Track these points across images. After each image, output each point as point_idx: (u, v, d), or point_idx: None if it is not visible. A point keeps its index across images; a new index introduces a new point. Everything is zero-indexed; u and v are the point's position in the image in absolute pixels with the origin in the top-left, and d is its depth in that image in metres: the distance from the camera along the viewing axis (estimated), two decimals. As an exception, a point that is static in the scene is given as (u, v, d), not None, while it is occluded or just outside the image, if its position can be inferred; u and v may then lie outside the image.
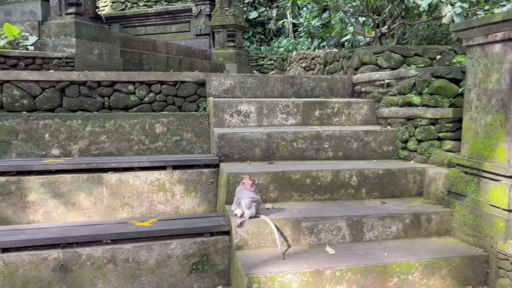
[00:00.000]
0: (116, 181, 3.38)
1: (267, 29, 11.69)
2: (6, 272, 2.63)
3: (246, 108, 4.07)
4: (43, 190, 3.25)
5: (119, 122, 3.90)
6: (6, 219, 3.19)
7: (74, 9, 5.30)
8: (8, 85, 3.90)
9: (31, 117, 3.74)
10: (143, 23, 9.79)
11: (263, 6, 11.78)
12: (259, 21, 11.62)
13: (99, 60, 5.52)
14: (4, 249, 2.65)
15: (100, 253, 2.77)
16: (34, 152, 3.72)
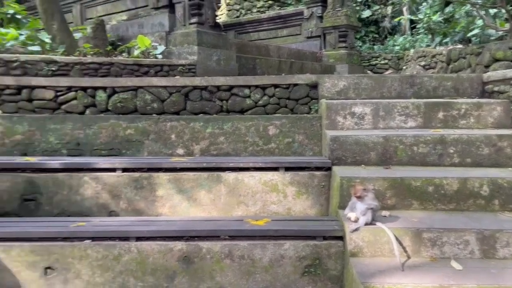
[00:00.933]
0: (233, 180, 3.55)
1: (381, 27, 11.21)
2: (139, 259, 2.93)
3: (361, 110, 3.93)
4: (170, 186, 3.56)
5: (235, 124, 4.09)
6: (139, 210, 3.56)
7: (196, 19, 5.72)
8: (141, 90, 4.37)
9: (160, 119, 4.13)
10: (256, 28, 10.15)
11: (377, 4, 11.32)
12: (373, 19, 11.19)
13: (217, 66, 5.86)
14: (138, 237, 2.96)
15: (218, 248, 2.93)
16: (162, 151, 4.09)
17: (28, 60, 4.95)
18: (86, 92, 4.35)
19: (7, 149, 4.03)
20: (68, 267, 2.92)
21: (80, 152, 4.06)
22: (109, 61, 5.18)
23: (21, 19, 7.33)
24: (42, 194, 3.55)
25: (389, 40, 10.70)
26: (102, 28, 6.32)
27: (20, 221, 3.23)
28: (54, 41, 5.77)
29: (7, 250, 2.91)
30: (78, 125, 4.09)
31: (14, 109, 4.31)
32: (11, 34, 5.53)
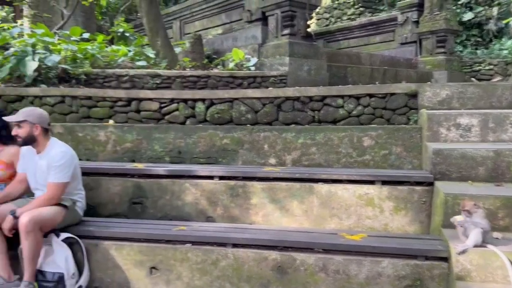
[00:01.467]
0: (325, 192, 3.51)
1: (484, 30, 10.30)
2: (235, 265, 3.02)
3: (467, 121, 3.65)
4: (263, 195, 3.63)
5: (328, 135, 4.05)
6: (233, 217, 3.69)
7: (288, 30, 5.81)
8: (237, 102, 4.54)
9: (254, 129, 4.24)
10: (346, 36, 9.98)
11: (480, 6, 10.44)
12: (475, 22, 10.34)
13: (307, 76, 5.88)
14: (234, 244, 3.06)
15: (312, 261, 2.91)
16: (255, 160, 4.20)
17: (136, 74, 5.45)
18: (187, 103, 4.64)
19: (118, 156, 4.45)
20: (171, 269, 3.11)
21: (181, 160, 4.33)
22: (207, 74, 5.49)
23: (129, 37, 8.11)
24: (147, 198, 3.85)
25: (494, 43, 9.79)
26: (200, 42, 6.72)
27: (129, 222, 3.52)
28: (158, 56, 6.27)
29: (119, 248, 3.20)
30: (179, 134, 4.37)
31: (124, 120, 4.75)
32: (122, 51, 6.13)
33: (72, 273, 3.10)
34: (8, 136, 3.41)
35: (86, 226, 3.37)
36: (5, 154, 3.45)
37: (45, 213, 3.02)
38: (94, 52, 5.80)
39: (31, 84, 5.20)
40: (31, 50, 5.36)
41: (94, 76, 5.49)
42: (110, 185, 3.92)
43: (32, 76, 5.15)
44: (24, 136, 3.16)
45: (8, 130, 3.42)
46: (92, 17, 10.65)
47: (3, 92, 5.00)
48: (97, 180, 3.92)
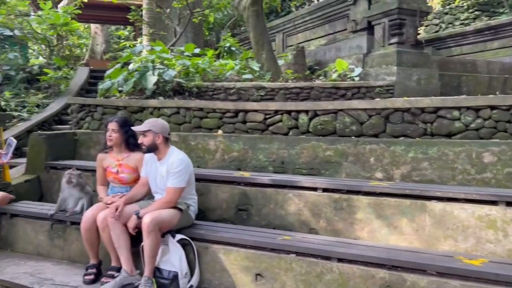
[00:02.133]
0: (439, 211, 3.28)
1: None
2: (340, 281, 2.97)
3: None
4: (369, 210, 3.52)
5: (442, 150, 3.79)
6: (337, 231, 3.63)
7: (396, 39, 5.59)
8: (341, 113, 4.48)
9: (359, 142, 4.15)
10: (458, 42, 9.26)
11: None
12: None
13: (417, 86, 5.58)
14: (339, 259, 3.01)
15: (425, 283, 2.73)
16: (360, 173, 4.09)
17: (242, 87, 5.71)
18: (290, 115, 4.71)
19: (226, 164, 4.69)
20: (275, 277, 3.17)
21: (284, 170, 4.41)
22: (310, 85, 5.53)
23: (234, 51, 8.53)
24: (252, 206, 3.99)
25: None
26: (302, 54, 6.81)
27: (236, 228, 3.67)
28: (262, 69, 6.49)
29: (227, 253, 3.35)
30: (283, 145, 4.46)
31: (231, 130, 5.00)
32: (229, 65, 6.48)
33: (185, 273, 3.33)
34: (135, 144, 3.82)
35: (197, 229, 3.60)
36: (131, 159, 3.86)
37: (164, 215, 3.31)
38: (205, 67, 6.23)
39: (150, 97, 5.76)
40: (151, 66, 5.95)
41: (205, 89, 5.89)
42: (218, 191, 4.14)
43: (152, 89, 5.70)
44: (148, 144, 3.50)
45: (135, 138, 3.83)
46: (200, 33, 11.47)
47: (128, 104, 5.62)
48: (207, 186, 4.18)
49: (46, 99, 9.08)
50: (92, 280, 3.50)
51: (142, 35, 11.34)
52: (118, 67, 6.34)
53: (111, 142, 3.88)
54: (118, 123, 3.87)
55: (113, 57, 13.37)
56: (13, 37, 11.57)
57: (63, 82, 9.70)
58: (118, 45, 15.66)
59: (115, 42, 16.31)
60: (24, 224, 4.31)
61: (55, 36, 11.77)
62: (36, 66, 10.58)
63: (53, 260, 4.06)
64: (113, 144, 3.88)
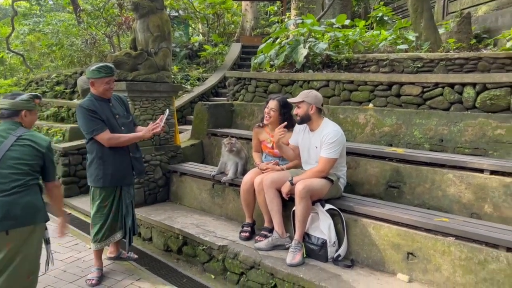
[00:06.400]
0: None
1: None
2: (508, 271, 2.67)
3: None
4: (550, 199, 3.05)
5: None
6: (505, 219, 3.25)
7: None
8: (519, 87, 3.90)
9: (541, 120, 3.57)
10: None
11: None
12: None
13: None
14: (508, 248, 2.70)
15: None
16: (539, 157, 3.54)
17: (396, 58, 5.38)
18: (453, 88, 4.29)
19: (376, 139, 4.55)
20: (429, 258, 3.01)
21: (442, 148, 4.08)
22: (477, 55, 4.91)
23: (387, 21, 8.05)
24: (405, 183, 3.82)
25: None
26: (467, 21, 6.07)
27: (386, 204, 3.56)
28: (419, 39, 6.00)
29: (377, 227, 3.30)
30: (443, 121, 4.11)
31: (383, 104, 4.80)
32: (382, 35, 6.16)
33: (333, 242, 3.41)
34: (290, 124, 3.93)
35: (346, 201, 3.62)
36: (286, 137, 3.98)
37: (315, 183, 3.41)
38: (356, 38, 6.04)
39: (300, 70, 5.87)
40: (302, 39, 6.04)
41: (355, 61, 5.73)
42: (368, 166, 4.07)
43: (302, 62, 5.80)
44: (302, 115, 3.61)
45: (291, 119, 3.94)
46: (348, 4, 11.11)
47: (279, 77, 5.84)
48: (356, 160, 4.14)
49: (205, 73, 10.05)
50: (247, 237, 3.85)
51: (290, 10, 11.53)
52: (270, 42, 6.59)
53: (269, 120, 4.00)
54: (279, 103, 3.97)
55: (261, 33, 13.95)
56: (178, 17, 12.97)
57: (219, 58, 10.57)
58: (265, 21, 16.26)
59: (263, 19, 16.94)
60: (191, 182, 4.93)
61: (213, 14, 12.80)
62: (197, 43, 11.74)
63: (214, 216, 4.58)
64: (270, 122, 4.01)
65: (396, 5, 10.19)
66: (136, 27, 5.15)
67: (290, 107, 3.98)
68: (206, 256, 3.88)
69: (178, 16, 12.94)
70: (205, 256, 3.89)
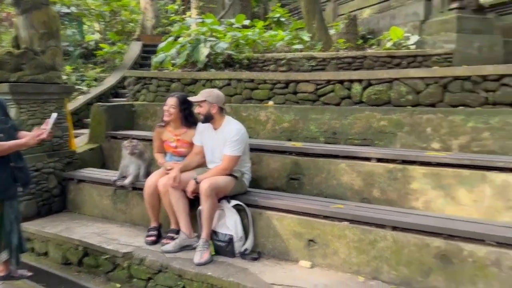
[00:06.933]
0: (501, 182, 3.17)
1: None
2: (394, 248, 2.98)
3: None
4: (425, 181, 3.47)
5: (505, 119, 3.61)
6: (390, 201, 3.62)
7: (457, 3, 5.30)
8: (396, 82, 4.36)
9: (415, 111, 4.03)
10: (525, 7, 8.56)
11: None
12: None
13: (478, 54, 5.29)
14: (393, 227, 3.01)
15: (483, 253, 2.68)
16: (416, 144, 4.00)
17: (293, 57, 5.68)
18: (343, 84, 4.65)
19: (277, 134, 4.74)
20: (328, 243, 3.23)
21: (336, 141, 4.40)
22: (362, 54, 5.39)
23: (284, 21, 8.43)
24: (304, 175, 4.04)
25: None
26: (354, 23, 6.62)
27: (288, 196, 3.74)
28: (313, 39, 6.39)
29: (280, 219, 3.45)
30: (335, 115, 4.43)
31: (282, 101, 5.02)
32: (279, 36, 6.44)
33: (240, 236, 3.47)
34: (192, 121, 3.91)
35: (251, 196, 3.71)
36: (188, 135, 3.95)
37: (220, 181, 3.44)
38: (255, 38, 6.23)
39: (202, 69, 5.88)
40: (203, 38, 6.05)
41: (255, 60, 5.91)
42: (270, 161, 4.23)
43: (204, 61, 5.81)
44: (204, 114, 3.62)
45: (192, 116, 3.93)
46: (248, 5, 11.41)
47: (181, 76, 5.78)
48: (259, 156, 4.27)
49: (102, 73, 9.51)
50: (153, 241, 3.75)
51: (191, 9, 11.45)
52: (171, 41, 6.49)
53: (169, 117, 3.93)
54: (179, 99, 3.92)
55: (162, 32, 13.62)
56: (70, 14, 12.08)
57: (117, 57, 10.08)
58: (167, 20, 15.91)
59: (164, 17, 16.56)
60: (90, 189, 4.64)
61: (109, 12, 12.16)
62: (92, 42, 11.06)
63: (117, 223, 4.37)
64: (171, 119, 3.95)
65: (292, 7, 10.70)
66: (18, 23, 4.69)
67: (190, 104, 3.94)
68: (110, 265, 3.69)
69: (70, 13, 12.06)
70: (109, 265, 3.70)
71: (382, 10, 7.02)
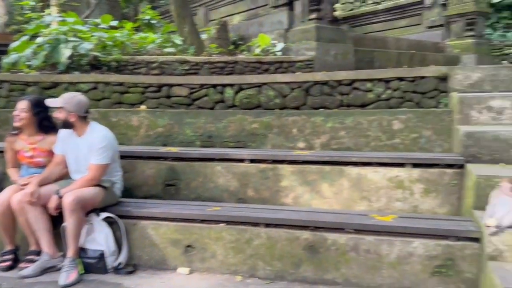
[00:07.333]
0: (356, 175, 3.56)
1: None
2: (268, 244, 3.12)
3: (499, 104, 3.62)
4: (293, 178, 3.71)
5: (357, 119, 4.08)
6: (264, 199, 3.78)
7: (315, 14, 5.80)
8: (265, 86, 4.60)
9: (283, 114, 4.30)
10: (370, 20, 9.86)
11: (512, -14, 10.10)
12: (506, 4, 10.03)
13: (334, 61, 5.88)
14: (267, 224, 3.16)
15: (344, 240, 2.98)
16: (284, 144, 4.27)
17: (165, 60, 5.56)
18: (216, 89, 4.73)
19: (151, 140, 4.59)
20: (206, 247, 3.24)
21: (212, 144, 4.44)
22: (234, 59, 5.55)
23: (155, 24, 8.21)
24: (181, 180, 3.98)
25: (526, 25, 9.51)
26: (225, 29, 6.78)
27: (165, 203, 3.66)
28: (185, 43, 6.36)
29: (156, 227, 3.33)
30: (209, 119, 4.47)
31: (155, 105, 4.88)
32: (150, 38, 6.25)
33: (113, 251, 3.26)
34: (50, 126, 3.55)
35: (124, 206, 3.52)
36: (46, 142, 3.55)
37: (86, 193, 3.18)
38: (124, 40, 5.94)
39: (65, 71, 5.37)
40: (64, 38, 5.53)
41: (124, 63, 5.63)
42: (145, 167, 4.06)
43: (66, 63, 5.32)
44: (62, 120, 3.30)
45: (49, 120, 3.56)
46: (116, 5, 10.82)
47: (39, 79, 5.19)
48: (132, 163, 4.07)
49: None
50: (9, 266, 3.30)
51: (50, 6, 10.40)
52: (25, 40, 5.80)
53: (20, 122, 3.49)
54: (31, 102, 3.51)
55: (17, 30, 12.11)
56: None
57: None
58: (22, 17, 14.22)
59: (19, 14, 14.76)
60: None
61: None
62: None
63: (-38, 250, 3.72)
64: (22, 125, 3.51)
65: (163, 9, 10.51)
66: None
67: (45, 107, 3.55)
68: (-47, 302, 3.12)
69: None
70: (-49, 302, 3.12)
71: (251, 17, 7.34)
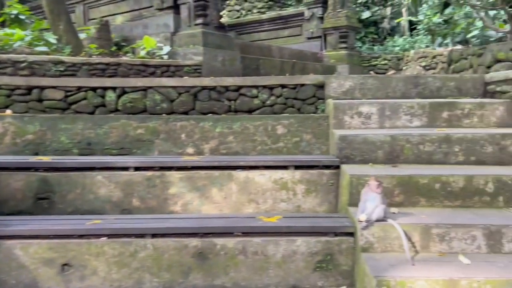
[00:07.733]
0: (243, 178, 3.63)
1: (380, 28, 11.34)
2: (155, 255, 2.99)
3: (367, 110, 4.03)
4: (182, 184, 3.63)
5: (244, 124, 4.17)
6: (151, 208, 3.63)
7: (202, 19, 5.80)
8: (151, 90, 4.44)
9: (170, 119, 4.19)
10: (257, 29, 10.24)
11: (376, 5, 11.44)
12: (372, 20, 11.32)
13: (222, 67, 5.94)
14: (153, 234, 3.02)
15: (232, 244, 3.00)
16: (172, 150, 4.16)
17: (36, 60, 5.01)
18: (96, 92, 4.41)
19: (19, 148, 4.08)
20: (85, 264, 2.97)
21: (91, 152, 4.12)
22: (117, 61, 5.25)
23: (24, 20, 7.36)
24: (55, 193, 3.60)
25: (388, 41, 10.83)
26: (107, 29, 6.39)
27: (36, 219, 3.27)
28: (60, 42, 5.82)
29: (25, 247, 2.96)
30: (89, 125, 4.14)
31: (24, 109, 4.36)
32: (18, 35, 5.58)
33: (-30, 278, 2.80)
34: None
35: (-16, 226, 3.06)
36: None
37: None
38: (-16, 35, 5.20)
39: None
40: None
41: (-15, 62, 4.93)
42: (11, 180, 3.59)
43: None
44: None
45: None
46: (-24, -5, 9.47)
47: None
48: (-5, 176, 3.57)
49: None
50: None
51: None
52: None
53: None
54: None
55: None
56: None
57: None
58: None
59: None
60: None
61: None
62: None
63: None
64: None
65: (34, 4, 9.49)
66: None
67: None
68: None
69: None
70: None
71: (134, 18, 7.04)
